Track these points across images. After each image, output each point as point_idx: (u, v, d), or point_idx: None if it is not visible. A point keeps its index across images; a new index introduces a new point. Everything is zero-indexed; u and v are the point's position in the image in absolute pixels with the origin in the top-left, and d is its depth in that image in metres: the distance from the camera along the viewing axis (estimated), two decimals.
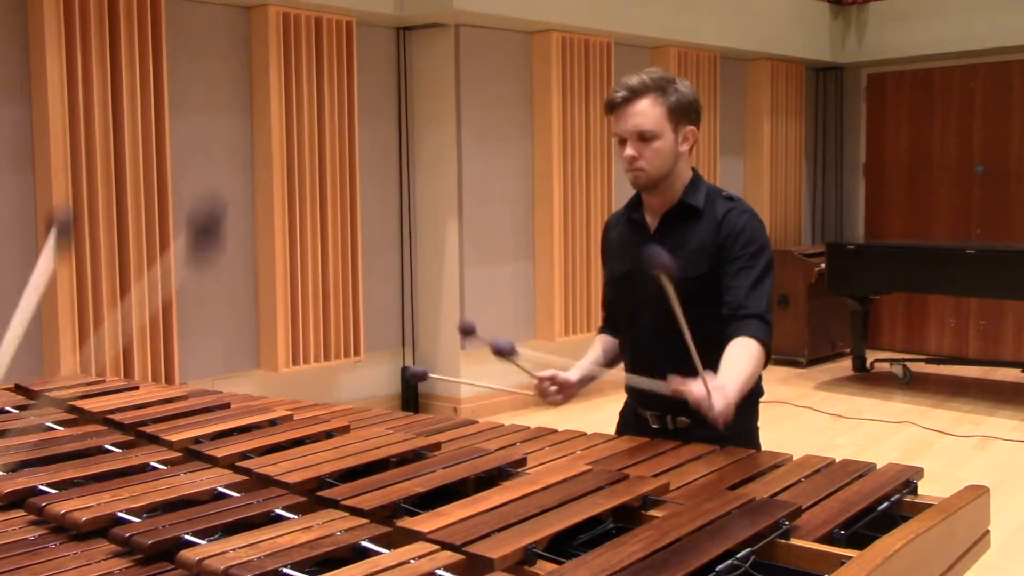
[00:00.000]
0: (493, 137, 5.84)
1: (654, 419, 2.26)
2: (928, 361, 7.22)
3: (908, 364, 6.96)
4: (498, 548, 1.37)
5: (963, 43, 7.39)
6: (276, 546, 1.39)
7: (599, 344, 2.43)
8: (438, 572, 1.31)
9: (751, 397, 2.21)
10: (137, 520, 1.53)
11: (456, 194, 5.75)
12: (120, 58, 4.37)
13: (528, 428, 2.26)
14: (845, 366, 7.41)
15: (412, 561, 1.33)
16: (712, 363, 1.96)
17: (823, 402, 6.41)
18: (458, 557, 1.35)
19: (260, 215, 5.11)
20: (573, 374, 2.28)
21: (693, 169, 2.25)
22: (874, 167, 8.36)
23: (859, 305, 6.98)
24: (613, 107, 2.14)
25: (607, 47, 6.31)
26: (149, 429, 2.11)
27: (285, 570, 1.32)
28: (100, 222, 4.34)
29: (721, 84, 7.29)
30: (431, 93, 5.82)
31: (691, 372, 1.89)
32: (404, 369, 5.86)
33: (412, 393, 5.93)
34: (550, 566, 1.37)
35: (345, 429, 2.15)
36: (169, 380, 4.57)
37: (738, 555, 1.38)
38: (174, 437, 2.02)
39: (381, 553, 1.39)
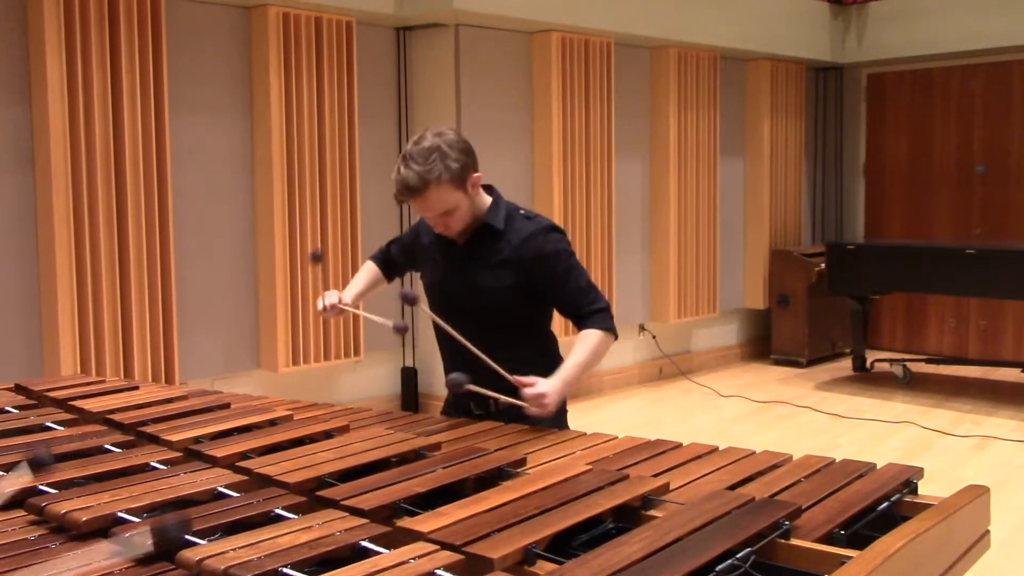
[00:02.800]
0: (493, 137, 5.84)
1: (476, 405, 2.47)
2: (928, 361, 7.22)
3: (908, 364, 6.96)
4: (498, 548, 1.37)
5: (963, 43, 7.39)
6: (276, 546, 1.39)
7: (367, 270, 3.00)
8: (438, 572, 1.31)
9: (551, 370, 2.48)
10: (137, 520, 1.53)
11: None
12: (120, 58, 4.37)
13: (528, 428, 2.27)
14: (845, 366, 7.41)
15: (412, 561, 1.33)
16: (512, 357, 2.32)
17: (823, 402, 6.41)
18: (458, 557, 1.35)
19: (260, 215, 5.11)
20: (349, 295, 2.86)
21: (492, 189, 2.51)
22: (874, 167, 8.36)
23: (859, 305, 6.99)
24: (404, 202, 2.39)
25: (607, 47, 6.31)
26: (149, 429, 2.11)
27: (285, 570, 1.32)
28: (100, 222, 4.34)
29: (721, 84, 7.29)
30: (431, 93, 5.82)
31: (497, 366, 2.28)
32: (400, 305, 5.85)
33: (412, 393, 5.93)
34: (550, 566, 1.37)
35: (345, 429, 2.15)
36: (169, 380, 4.57)
37: (738, 555, 1.38)
38: (174, 437, 2.02)
39: (381, 553, 1.39)
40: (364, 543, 1.43)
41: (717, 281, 7.36)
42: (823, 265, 7.10)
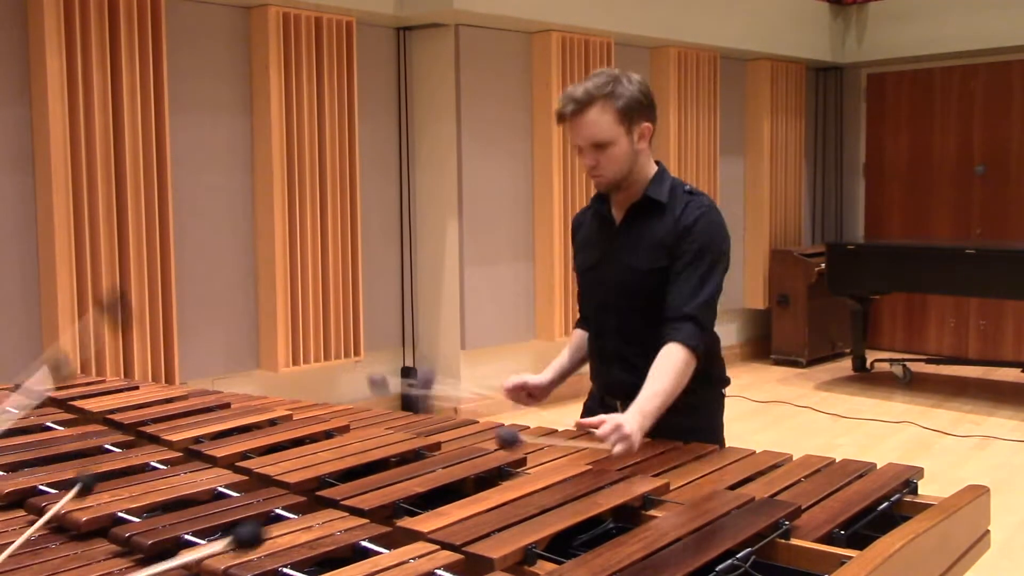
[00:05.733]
0: (493, 137, 5.84)
1: (622, 407, 2.23)
2: (928, 361, 7.22)
3: (908, 364, 6.96)
4: (498, 548, 1.37)
5: (963, 43, 7.39)
6: (276, 546, 1.39)
7: (573, 339, 2.46)
8: (438, 572, 1.31)
9: (714, 391, 2.34)
10: (137, 520, 1.53)
11: (456, 193, 5.75)
12: (120, 58, 4.37)
13: (528, 428, 2.26)
14: (845, 366, 7.41)
15: (412, 561, 1.33)
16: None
17: (823, 402, 6.41)
18: (458, 557, 1.35)
19: (260, 215, 5.11)
20: (546, 376, 2.34)
21: (658, 162, 2.29)
22: (874, 167, 8.35)
23: (859, 305, 6.98)
24: (563, 119, 2.17)
25: (607, 47, 6.31)
26: (149, 429, 2.11)
27: (285, 570, 1.32)
28: (100, 222, 4.33)
29: (721, 84, 7.29)
30: (431, 93, 5.82)
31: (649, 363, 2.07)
32: (371, 380, 5.85)
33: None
34: (550, 566, 1.37)
35: (345, 429, 2.15)
36: (169, 380, 4.56)
37: (738, 555, 1.38)
38: (174, 437, 2.02)
39: (381, 553, 1.39)
40: (364, 543, 1.43)
41: None
42: (823, 265, 7.10)
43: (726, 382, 2.38)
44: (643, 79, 2.22)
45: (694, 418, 2.19)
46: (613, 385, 2.28)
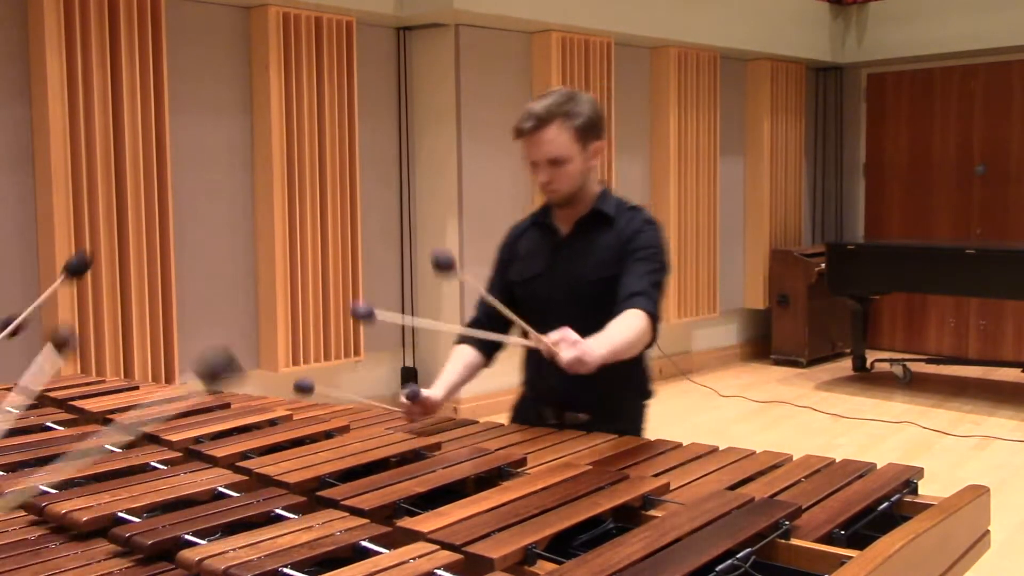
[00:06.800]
0: (493, 137, 5.83)
1: (552, 415, 2.36)
2: (928, 361, 7.22)
3: (908, 364, 6.96)
4: (498, 548, 1.37)
5: (963, 43, 7.39)
6: (276, 546, 1.39)
7: (460, 356, 2.45)
8: (438, 572, 1.31)
9: (636, 401, 2.40)
10: (137, 520, 1.53)
11: (456, 194, 5.74)
12: (120, 58, 4.37)
13: (528, 428, 2.26)
14: (845, 366, 7.41)
15: (412, 561, 1.33)
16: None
17: (823, 402, 6.41)
18: (458, 557, 1.35)
19: (260, 215, 5.11)
20: (439, 393, 2.34)
21: (601, 183, 2.41)
22: (874, 167, 8.35)
23: (859, 305, 6.99)
24: (521, 135, 2.26)
25: (607, 47, 6.31)
26: (149, 429, 2.10)
27: (285, 570, 1.32)
28: (100, 222, 4.33)
29: (721, 84, 7.29)
30: (431, 93, 5.82)
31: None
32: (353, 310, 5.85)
33: None
34: (550, 566, 1.37)
35: (345, 429, 2.15)
36: (169, 380, 4.57)
37: (738, 555, 1.38)
38: (174, 437, 2.02)
39: (381, 553, 1.39)
40: (364, 543, 1.43)
41: (717, 281, 7.35)
42: (823, 265, 7.10)
43: (649, 394, 2.45)
44: (593, 99, 2.31)
45: (617, 424, 2.25)
46: (550, 391, 2.35)
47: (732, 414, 6.17)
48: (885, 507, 1.68)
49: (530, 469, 1.86)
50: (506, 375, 2.37)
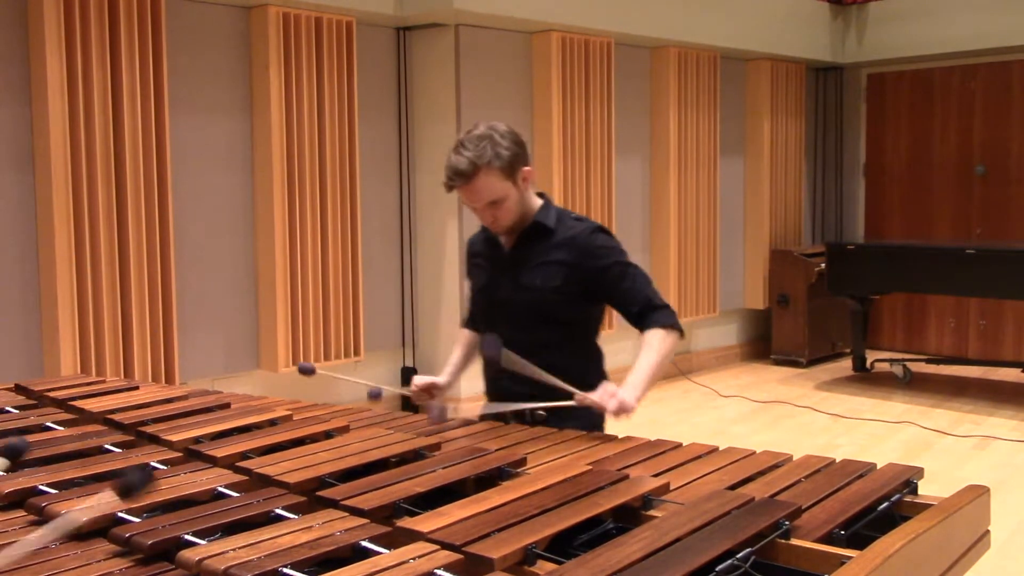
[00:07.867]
0: None
1: (511, 415, 2.43)
2: (928, 361, 7.22)
3: (908, 364, 6.96)
4: (498, 548, 1.37)
5: (963, 43, 7.39)
6: (276, 546, 1.39)
7: (463, 338, 2.73)
8: (437, 572, 1.31)
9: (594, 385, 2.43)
10: (137, 520, 1.53)
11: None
12: (120, 58, 4.37)
13: (528, 428, 2.27)
14: (845, 366, 7.41)
15: (412, 561, 1.33)
16: (555, 363, 2.26)
17: (823, 402, 6.41)
18: (458, 557, 1.35)
19: (260, 215, 5.11)
20: (446, 378, 2.61)
21: (541, 194, 2.49)
22: (874, 167, 8.35)
23: (859, 305, 6.98)
24: (453, 189, 2.34)
25: (607, 47, 6.31)
26: (149, 429, 2.11)
27: (285, 570, 1.32)
28: (100, 222, 4.33)
29: (721, 84, 7.29)
30: (431, 93, 5.82)
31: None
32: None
33: None
34: (550, 566, 1.37)
35: (345, 429, 2.15)
36: (169, 380, 4.57)
37: (738, 555, 1.38)
38: (174, 437, 2.02)
39: (381, 553, 1.39)
40: (364, 543, 1.43)
41: (717, 281, 7.35)
42: (823, 265, 7.10)
43: (604, 378, 2.47)
44: (509, 127, 2.37)
45: (572, 423, 2.29)
46: (502, 396, 2.44)
47: (732, 414, 6.17)
48: (885, 507, 1.68)
49: (530, 469, 1.86)
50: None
